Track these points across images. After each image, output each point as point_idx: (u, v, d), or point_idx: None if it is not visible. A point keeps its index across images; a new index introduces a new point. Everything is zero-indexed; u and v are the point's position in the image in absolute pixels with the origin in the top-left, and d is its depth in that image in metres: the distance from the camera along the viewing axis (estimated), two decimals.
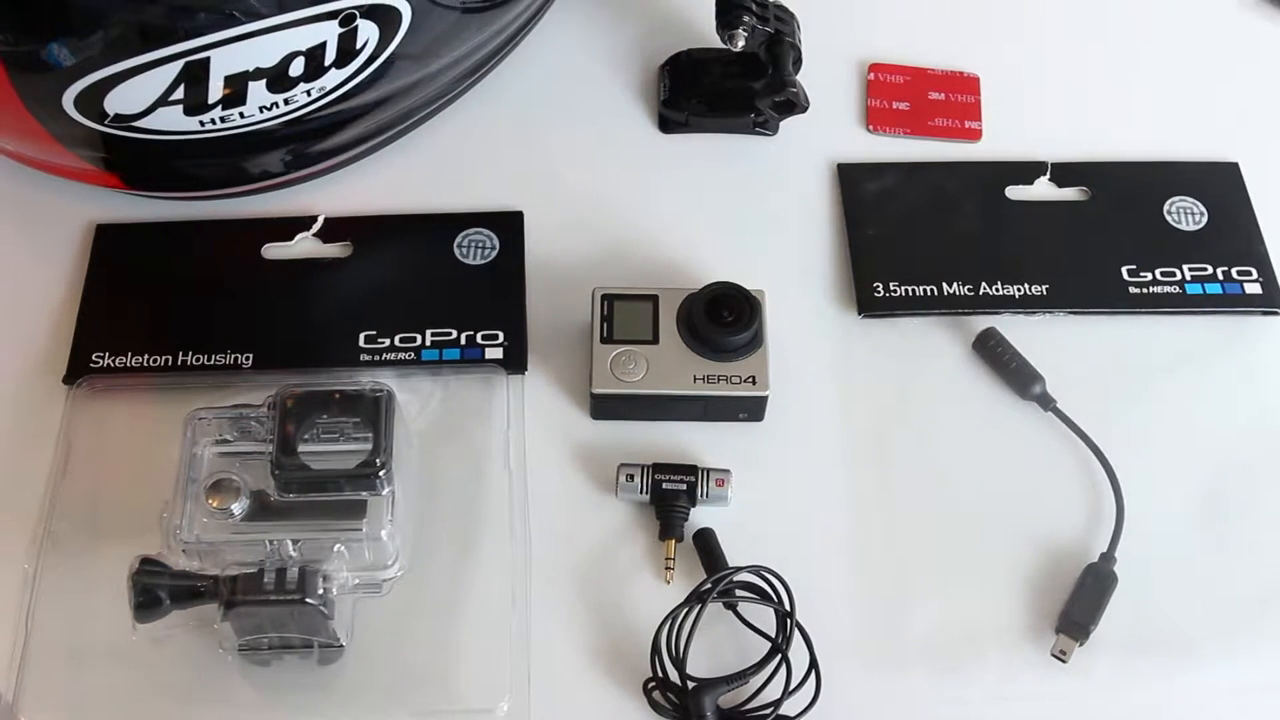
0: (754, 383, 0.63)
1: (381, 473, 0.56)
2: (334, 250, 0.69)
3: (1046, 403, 0.65)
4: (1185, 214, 0.71)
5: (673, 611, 0.57)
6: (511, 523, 0.61)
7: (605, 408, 0.64)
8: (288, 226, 0.70)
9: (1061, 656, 0.59)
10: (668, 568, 0.60)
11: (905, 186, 0.72)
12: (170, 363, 0.65)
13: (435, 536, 0.60)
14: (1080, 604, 0.59)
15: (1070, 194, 0.72)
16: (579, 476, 0.63)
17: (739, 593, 0.58)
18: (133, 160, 0.66)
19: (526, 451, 0.63)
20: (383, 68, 0.63)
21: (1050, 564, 0.61)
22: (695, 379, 0.63)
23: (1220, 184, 0.72)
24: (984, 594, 0.61)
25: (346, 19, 0.59)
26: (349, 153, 0.70)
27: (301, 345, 0.66)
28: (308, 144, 0.67)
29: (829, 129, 0.74)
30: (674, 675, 0.56)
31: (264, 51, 0.59)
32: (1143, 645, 0.59)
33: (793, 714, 0.56)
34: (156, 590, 0.54)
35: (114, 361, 0.65)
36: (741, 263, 0.68)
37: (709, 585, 0.58)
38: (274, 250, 0.69)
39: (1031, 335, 0.66)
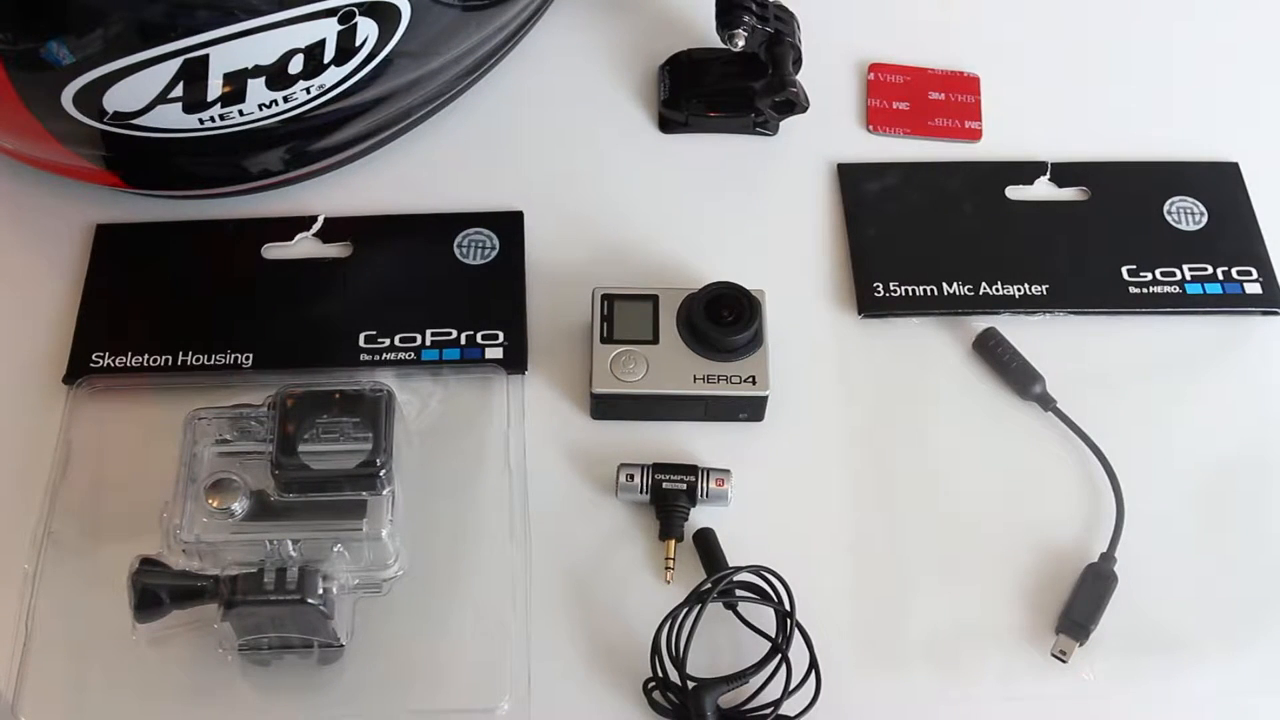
0: (754, 383, 0.63)
1: (381, 473, 0.56)
2: (334, 250, 0.69)
3: (1046, 403, 0.65)
4: (1185, 214, 0.71)
5: (673, 611, 0.57)
6: (511, 522, 0.61)
7: (605, 408, 0.64)
8: (288, 226, 0.69)
9: (1061, 656, 0.59)
10: (668, 568, 0.60)
11: (905, 186, 0.72)
12: (170, 363, 0.65)
13: (435, 536, 0.60)
14: (1080, 604, 0.59)
15: (1070, 194, 0.72)
16: (579, 476, 0.63)
17: (739, 593, 0.58)
18: (132, 158, 0.66)
19: (526, 451, 0.63)
20: (382, 65, 0.63)
21: (1050, 564, 0.61)
22: (695, 379, 0.63)
23: (1220, 184, 0.72)
24: (984, 594, 0.61)
25: (346, 16, 0.59)
26: (348, 151, 0.70)
27: (301, 345, 0.66)
28: (307, 142, 0.67)
29: (829, 129, 0.74)
30: (674, 675, 0.56)
31: (263, 48, 0.59)
32: (1143, 645, 0.59)
33: (793, 714, 0.56)
34: (156, 590, 0.54)
35: (114, 361, 0.65)
36: (741, 263, 0.68)
37: (709, 585, 0.58)
38: (274, 250, 0.69)
39: (1031, 335, 0.66)
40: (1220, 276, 0.68)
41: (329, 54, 0.61)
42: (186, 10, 0.56)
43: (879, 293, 0.68)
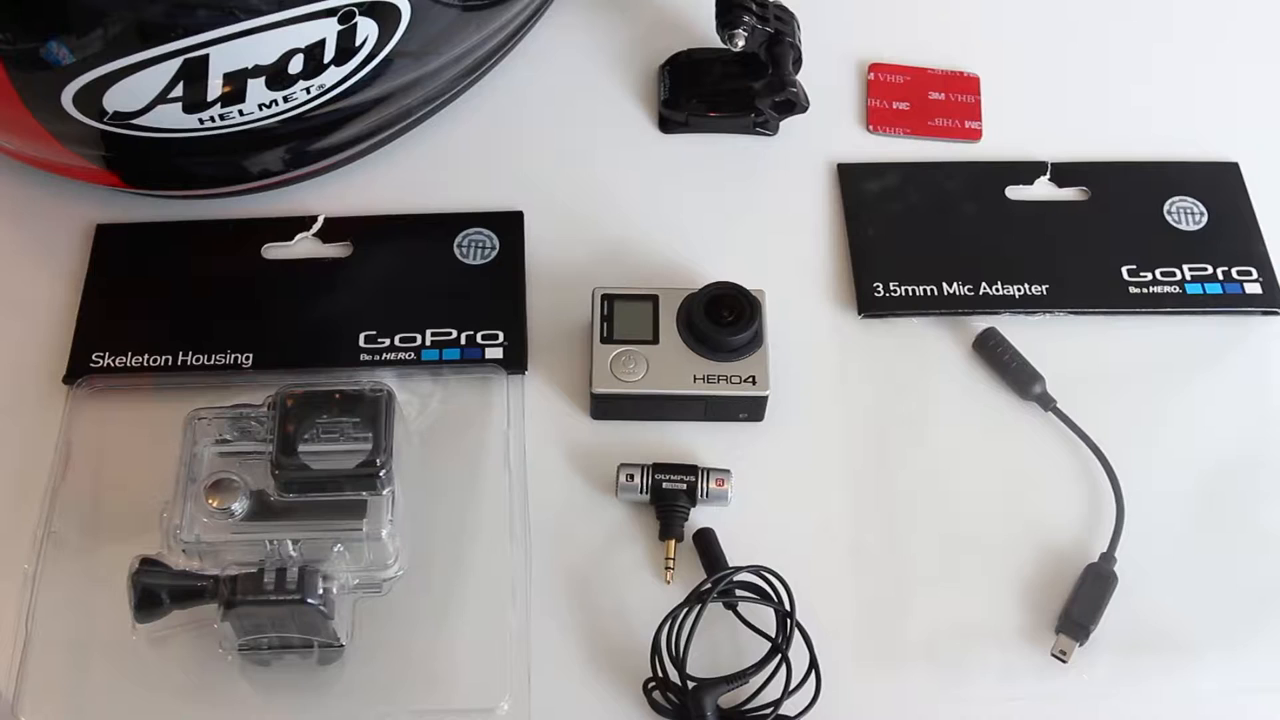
0: (754, 383, 0.63)
1: (381, 473, 0.56)
2: (334, 250, 0.69)
3: (1046, 403, 0.65)
4: (1185, 214, 0.71)
5: (673, 611, 0.57)
6: (511, 523, 0.61)
7: (605, 408, 0.64)
8: (288, 226, 0.69)
9: (1061, 656, 0.59)
10: (668, 568, 0.60)
11: (905, 186, 0.72)
12: (170, 363, 0.65)
13: (435, 536, 0.60)
14: (1080, 604, 0.59)
15: (1070, 194, 0.72)
16: (579, 476, 0.63)
17: (739, 593, 0.58)
18: (132, 158, 0.66)
19: (526, 451, 0.63)
20: (382, 65, 0.63)
21: (1050, 564, 0.61)
22: (695, 379, 0.63)
23: (1220, 184, 0.72)
24: (984, 594, 0.61)
25: (345, 16, 0.59)
26: (348, 151, 0.70)
27: (301, 345, 0.66)
28: (307, 142, 0.67)
29: (829, 129, 0.74)
30: (674, 675, 0.56)
31: (263, 48, 0.59)
32: (1143, 645, 0.59)
33: (793, 714, 0.56)
34: (156, 590, 0.54)
35: (114, 361, 0.65)
36: (741, 263, 0.68)
37: (709, 585, 0.58)
38: (274, 250, 0.69)
39: (1031, 335, 0.66)
40: (1220, 276, 0.68)
41: (329, 54, 0.61)
42: (186, 10, 0.56)
43: (879, 293, 0.68)
